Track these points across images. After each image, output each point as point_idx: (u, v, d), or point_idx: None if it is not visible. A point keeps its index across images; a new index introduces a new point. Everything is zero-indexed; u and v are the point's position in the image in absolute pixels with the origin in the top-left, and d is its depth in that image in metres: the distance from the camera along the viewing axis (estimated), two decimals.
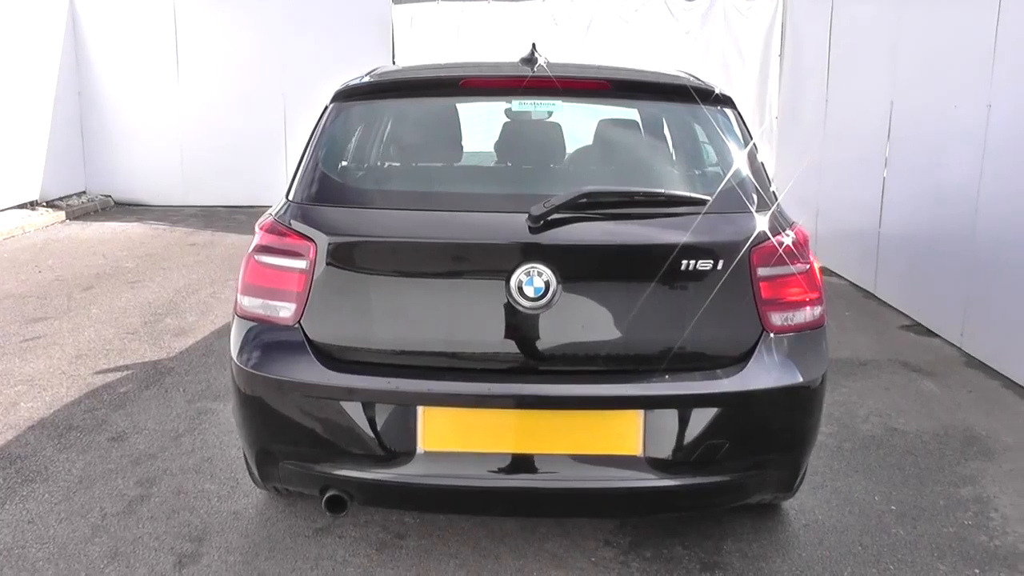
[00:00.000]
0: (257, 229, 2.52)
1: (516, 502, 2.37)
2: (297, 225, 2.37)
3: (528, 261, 2.22)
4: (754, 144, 2.59)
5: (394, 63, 9.52)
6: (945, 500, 3.21)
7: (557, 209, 2.22)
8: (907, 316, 5.53)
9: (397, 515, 2.98)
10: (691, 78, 2.67)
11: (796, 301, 2.40)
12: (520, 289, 2.23)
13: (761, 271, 2.34)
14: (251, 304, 2.43)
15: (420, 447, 2.27)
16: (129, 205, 9.71)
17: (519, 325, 2.27)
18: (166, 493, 3.17)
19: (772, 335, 2.37)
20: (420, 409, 2.26)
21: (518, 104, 2.75)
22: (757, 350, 2.35)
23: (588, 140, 2.69)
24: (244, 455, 3.00)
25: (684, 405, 2.27)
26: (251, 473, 3.01)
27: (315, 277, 2.32)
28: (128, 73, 9.58)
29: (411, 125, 2.84)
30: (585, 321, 2.28)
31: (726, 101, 2.63)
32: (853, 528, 3.00)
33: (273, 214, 2.52)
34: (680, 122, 2.64)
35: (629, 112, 2.71)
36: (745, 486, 2.42)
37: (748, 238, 2.35)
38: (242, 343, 2.41)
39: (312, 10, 9.42)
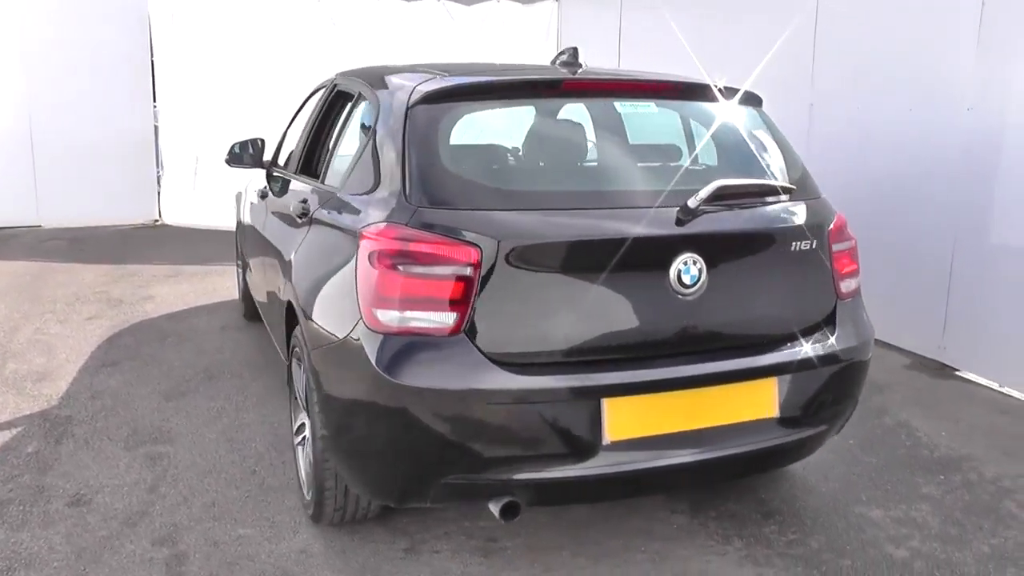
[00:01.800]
0: (375, 236, 2.35)
1: (689, 475, 2.53)
2: (462, 232, 2.28)
3: (686, 251, 2.39)
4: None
5: (153, 61, 8.71)
6: (881, 430, 3.89)
7: (704, 202, 2.42)
8: None
9: (471, 520, 2.95)
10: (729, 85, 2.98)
11: (851, 271, 2.83)
12: (679, 278, 2.39)
13: (835, 247, 2.74)
14: (394, 317, 2.29)
15: (606, 438, 2.33)
16: None
17: (678, 311, 2.42)
18: (202, 548, 2.81)
19: (843, 301, 2.78)
20: (605, 401, 2.32)
21: (621, 106, 2.86)
22: (838, 315, 2.74)
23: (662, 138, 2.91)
24: (312, 484, 2.79)
25: (809, 367, 2.59)
26: (314, 506, 2.80)
27: (480, 283, 2.26)
28: None
29: (527, 127, 2.81)
30: (727, 302, 2.50)
31: (761, 103, 2.99)
32: (838, 463, 3.54)
33: (393, 219, 2.36)
34: (736, 120, 2.91)
35: (705, 112, 2.92)
36: (830, 431, 2.81)
37: (827, 219, 2.74)
38: (394, 359, 2.26)
39: None
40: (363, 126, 2.93)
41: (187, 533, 2.90)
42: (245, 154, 4.44)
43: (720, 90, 2.83)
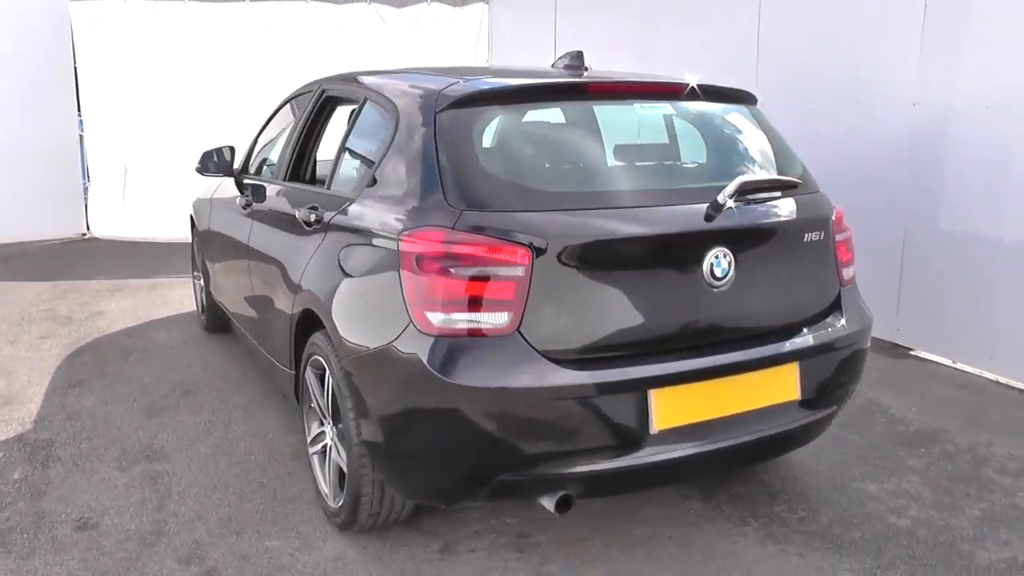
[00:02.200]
0: (422, 240, 2.37)
1: (726, 459, 2.64)
2: (510, 233, 2.32)
3: (716, 245, 2.50)
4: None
5: (76, 68, 8.35)
6: (855, 409, 4.11)
7: (729, 197, 2.53)
8: None
9: (496, 518, 2.99)
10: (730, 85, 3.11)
11: (849, 259, 3.01)
12: (711, 271, 2.50)
13: (837, 236, 2.91)
14: (447, 319, 2.31)
15: (653, 428, 2.41)
16: None
17: (710, 303, 2.53)
18: (232, 563, 2.76)
19: (844, 288, 2.95)
20: (652, 392, 2.40)
21: (640, 107, 2.93)
22: (843, 301, 2.91)
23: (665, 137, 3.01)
24: (345, 491, 2.75)
25: (825, 351, 2.74)
26: (346, 513, 2.79)
27: (532, 282, 2.31)
28: None
29: (557, 129, 2.85)
30: (751, 292, 2.61)
31: (756, 102, 3.14)
32: (826, 443, 3.71)
33: (436, 223, 2.38)
34: (742, 119, 3.04)
35: (714, 112, 3.02)
36: (838, 412, 2.97)
37: (829, 210, 2.90)
38: (448, 360, 2.29)
39: None
40: (377, 132, 2.92)
41: (212, 549, 2.84)
42: (210, 162, 4.34)
43: (725, 91, 2.96)
